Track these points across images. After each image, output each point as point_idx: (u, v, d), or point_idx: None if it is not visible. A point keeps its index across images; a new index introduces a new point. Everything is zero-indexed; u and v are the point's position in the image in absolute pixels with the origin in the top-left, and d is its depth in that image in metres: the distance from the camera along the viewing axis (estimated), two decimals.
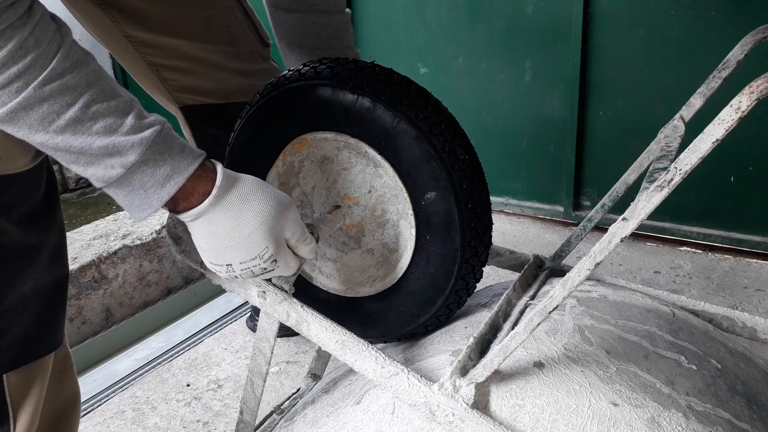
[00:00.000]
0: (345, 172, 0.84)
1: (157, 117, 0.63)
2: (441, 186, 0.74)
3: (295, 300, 0.75)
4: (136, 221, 0.65)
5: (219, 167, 0.66)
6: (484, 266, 0.82)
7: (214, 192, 0.64)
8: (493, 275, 1.69)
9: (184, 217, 0.65)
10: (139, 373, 1.51)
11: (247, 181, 0.67)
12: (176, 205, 0.65)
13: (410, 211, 0.78)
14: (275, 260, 0.68)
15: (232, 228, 0.65)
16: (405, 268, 0.82)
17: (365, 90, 0.73)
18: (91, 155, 0.59)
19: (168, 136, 0.62)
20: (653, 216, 1.94)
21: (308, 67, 0.78)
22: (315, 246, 0.72)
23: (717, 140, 0.49)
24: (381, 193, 0.83)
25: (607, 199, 0.93)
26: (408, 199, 0.78)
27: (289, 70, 0.80)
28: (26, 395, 0.75)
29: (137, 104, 0.62)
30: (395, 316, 0.85)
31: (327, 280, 0.91)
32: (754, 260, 1.82)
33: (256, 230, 0.65)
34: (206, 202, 0.64)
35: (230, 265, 0.68)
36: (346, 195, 0.85)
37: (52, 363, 0.78)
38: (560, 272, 0.93)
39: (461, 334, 0.79)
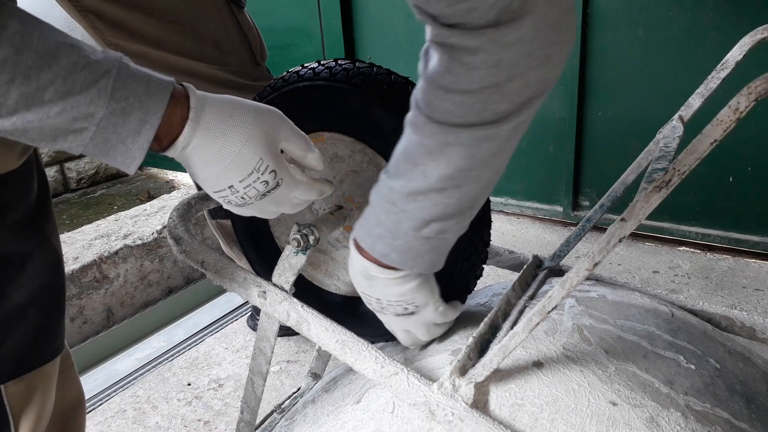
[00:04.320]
0: (354, 175, 0.84)
1: (108, 56, 0.55)
2: None
3: (295, 300, 0.75)
4: (130, 173, 0.61)
5: (190, 88, 0.61)
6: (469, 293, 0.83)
7: (191, 115, 0.59)
8: (492, 275, 1.70)
9: (173, 152, 0.61)
10: (140, 372, 1.52)
11: (220, 98, 0.62)
12: (160, 143, 0.60)
13: None
14: (274, 171, 0.63)
15: (220, 148, 0.61)
16: None
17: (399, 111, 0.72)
18: (54, 127, 0.53)
19: (127, 76, 0.55)
20: (652, 216, 1.95)
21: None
22: (320, 155, 0.67)
23: (715, 141, 0.49)
24: None
25: (605, 200, 0.93)
26: None
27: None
28: (28, 403, 0.72)
29: (81, 50, 0.53)
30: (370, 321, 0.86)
31: (313, 270, 0.91)
32: (753, 260, 1.82)
33: (244, 145, 0.61)
34: (186, 127, 0.59)
35: (232, 187, 0.63)
36: (350, 197, 0.85)
37: (57, 369, 0.76)
38: (559, 272, 0.93)
39: (460, 333, 0.80)
